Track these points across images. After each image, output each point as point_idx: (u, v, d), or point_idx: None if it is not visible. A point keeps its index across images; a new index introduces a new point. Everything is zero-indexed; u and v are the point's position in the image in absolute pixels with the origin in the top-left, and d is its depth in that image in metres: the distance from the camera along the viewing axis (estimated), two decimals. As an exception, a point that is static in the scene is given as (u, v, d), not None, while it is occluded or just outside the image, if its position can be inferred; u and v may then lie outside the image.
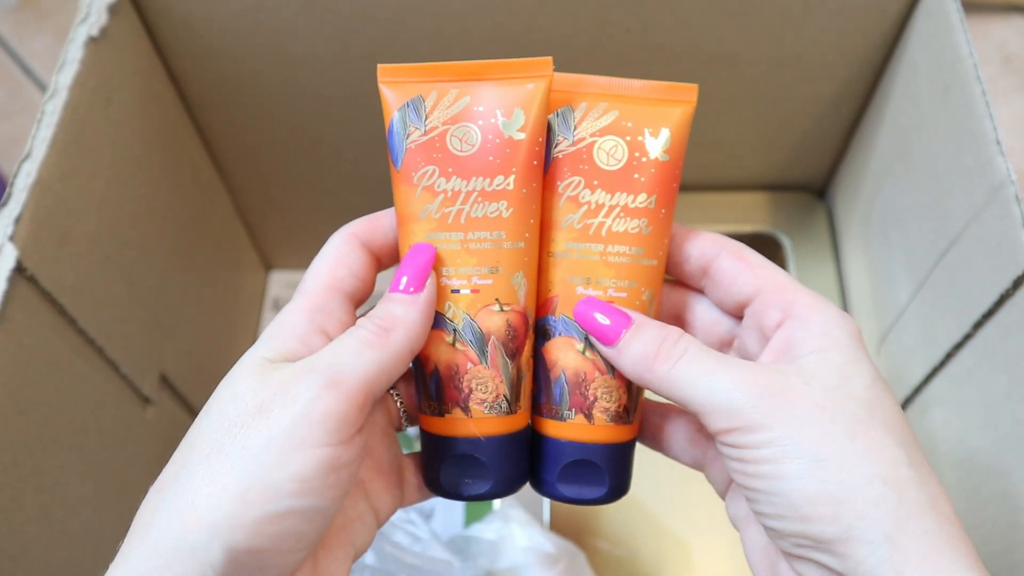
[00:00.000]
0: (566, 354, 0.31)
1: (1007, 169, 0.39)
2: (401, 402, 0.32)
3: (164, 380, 0.52)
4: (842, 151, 0.62)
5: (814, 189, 0.66)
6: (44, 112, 0.40)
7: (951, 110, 0.45)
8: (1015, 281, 0.38)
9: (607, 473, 0.31)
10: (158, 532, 0.25)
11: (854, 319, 0.36)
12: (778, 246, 0.64)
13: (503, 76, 0.30)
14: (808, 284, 0.31)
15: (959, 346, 0.45)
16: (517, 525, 0.49)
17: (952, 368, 0.46)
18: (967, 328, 0.43)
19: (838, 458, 0.25)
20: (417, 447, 0.33)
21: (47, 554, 0.40)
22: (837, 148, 0.62)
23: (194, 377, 0.56)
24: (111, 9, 0.44)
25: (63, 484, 0.41)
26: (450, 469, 0.31)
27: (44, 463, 0.40)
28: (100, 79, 0.43)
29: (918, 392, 0.50)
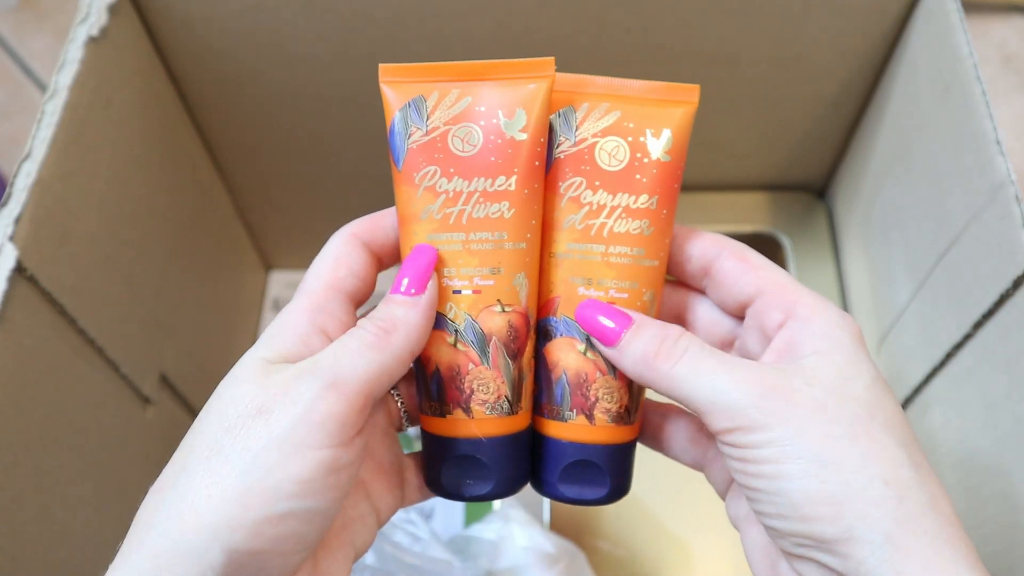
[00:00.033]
0: (567, 355, 0.31)
1: (1007, 169, 0.39)
2: (402, 402, 0.32)
3: (164, 380, 0.52)
4: (842, 151, 0.62)
5: (814, 189, 0.66)
6: (44, 112, 0.40)
7: (951, 110, 0.45)
8: (1015, 281, 0.38)
9: (608, 473, 0.31)
10: (158, 533, 0.24)
11: (854, 319, 0.36)
12: (778, 246, 0.64)
13: (505, 76, 0.30)
14: (808, 284, 0.31)
15: (959, 346, 0.45)
16: (517, 525, 0.49)
17: (952, 368, 0.46)
18: (967, 328, 0.43)
19: (839, 458, 0.25)
20: (418, 447, 0.33)
21: (47, 554, 0.40)
22: (837, 148, 0.62)
23: (194, 377, 0.56)
24: (111, 9, 0.44)
25: (63, 484, 0.41)
26: (451, 470, 0.31)
27: (44, 463, 0.39)
28: (100, 79, 0.43)
29: (918, 392, 0.50)
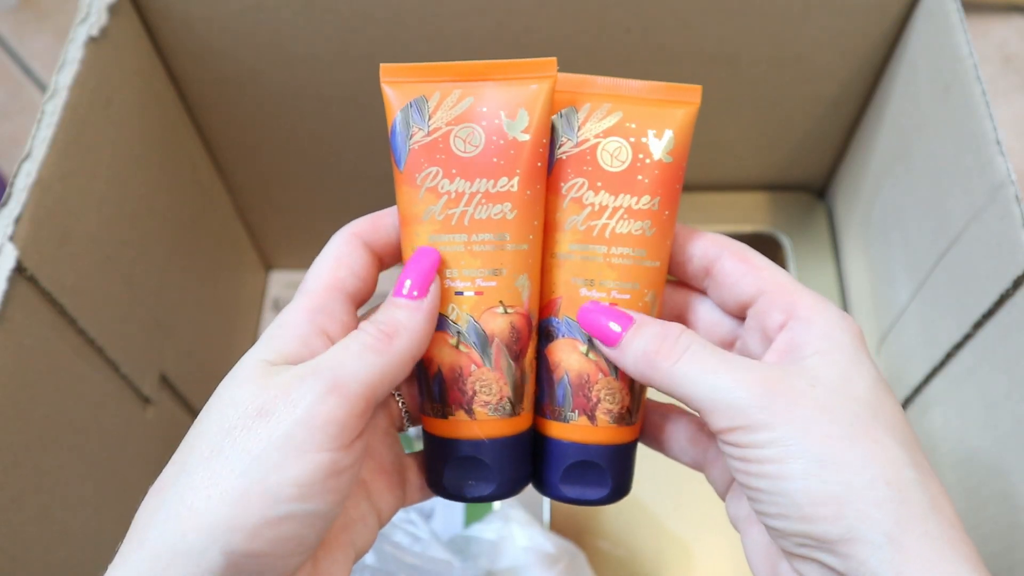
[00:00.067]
0: (569, 356, 0.31)
1: (1007, 169, 0.39)
2: (403, 402, 0.32)
3: (164, 380, 0.52)
4: (842, 151, 0.62)
5: (814, 189, 0.66)
6: (44, 112, 0.40)
7: (951, 110, 0.45)
8: (1015, 281, 0.38)
9: (610, 474, 0.31)
10: (157, 534, 0.24)
11: (854, 319, 0.35)
12: (778, 246, 0.64)
13: (507, 76, 0.30)
14: (808, 284, 0.31)
15: (959, 346, 0.45)
16: (517, 525, 0.49)
17: (952, 368, 0.46)
18: (967, 328, 0.43)
19: (842, 459, 0.25)
20: (418, 447, 0.33)
21: (47, 554, 0.40)
22: (837, 148, 0.62)
23: (194, 377, 0.56)
24: (111, 9, 0.44)
25: (63, 484, 0.41)
26: (453, 471, 0.31)
27: (44, 463, 0.39)
28: (100, 79, 0.43)
29: (918, 392, 0.50)
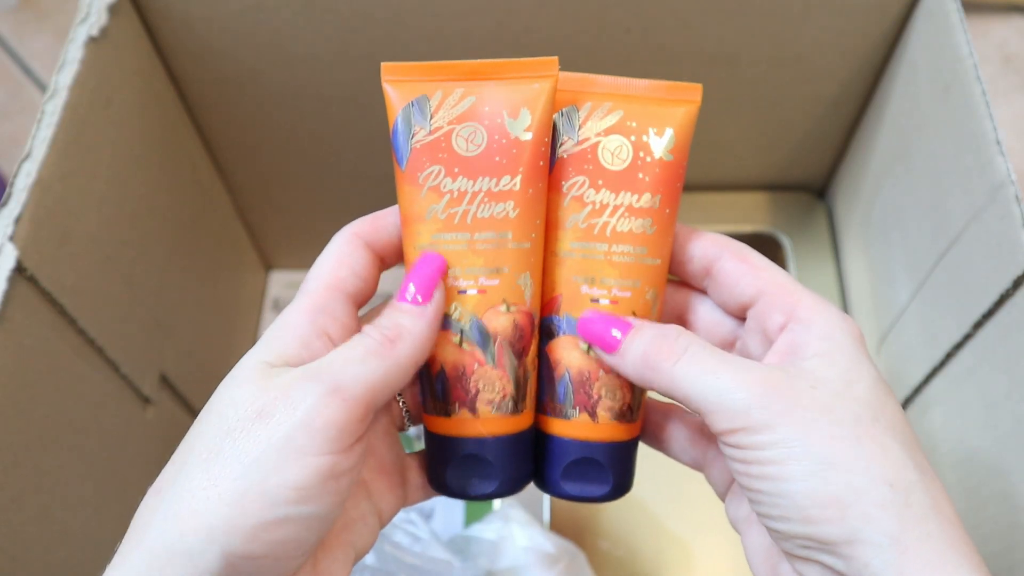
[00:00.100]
0: (570, 353, 0.31)
1: (1007, 169, 0.39)
2: (404, 402, 0.32)
3: (164, 380, 0.52)
4: (842, 151, 0.62)
5: (814, 189, 0.66)
6: (44, 112, 0.40)
7: (951, 110, 0.45)
8: (1015, 281, 0.38)
9: (611, 471, 0.31)
10: (155, 535, 0.24)
11: (854, 319, 0.35)
12: (778, 246, 0.64)
13: (509, 76, 0.30)
14: (808, 284, 0.31)
15: (959, 346, 0.45)
16: (517, 525, 0.49)
17: (952, 368, 0.46)
18: (967, 328, 0.43)
19: (844, 460, 0.25)
20: (418, 447, 0.33)
21: (47, 554, 0.40)
22: (837, 148, 0.62)
23: (194, 377, 0.56)
24: (111, 9, 0.44)
25: (63, 484, 0.41)
26: (456, 469, 0.31)
27: (44, 463, 0.39)
28: (100, 79, 0.43)
29: (918, 392, 0.50)
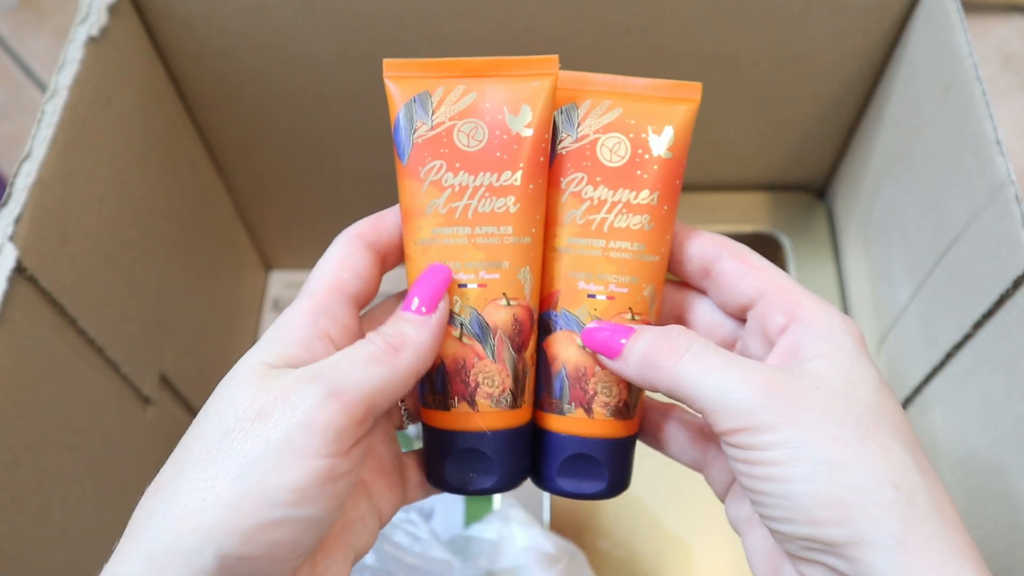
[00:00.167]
0: (567, 348, 0.31)
1: (1007, 169, 0.39)
2: (403, 400, 0.32)
3: (164, 380, 0.52)
4: (842, 151, 0.62)
5: (814, 189, 0.66)
6: (44, 112, 0.40)
7: (951, 110, 0.45)
8: (1015, 281, 0.38)
9: (606, 467, 0.31)
10: (152, 535, 0.24)
11: (854, 319, 0.35)
12: (778, 246, 0.64)
13: (510, 73, 0.30)
14: (808, 284, 0.31)
15: (959, 346, 0.45)
16: (517, 525, 0.49)
17: (952, 368, 0.46)
18: (967, 328, 0.43)
19: (848, 461, 0.25)
20: (416, 446, 0.33)
21: (47, 554, 0.40)
22: (837, 148, 0.62)
23: (194, 377, 0.56)
24: (111, 9, 0.44)
25: (63, 484, 0.41)
26: (455, 463, 0.31)
27: (44, 463, 0.39)
28: (100, 79, 0.43)
29: (918, 392, 0.50)
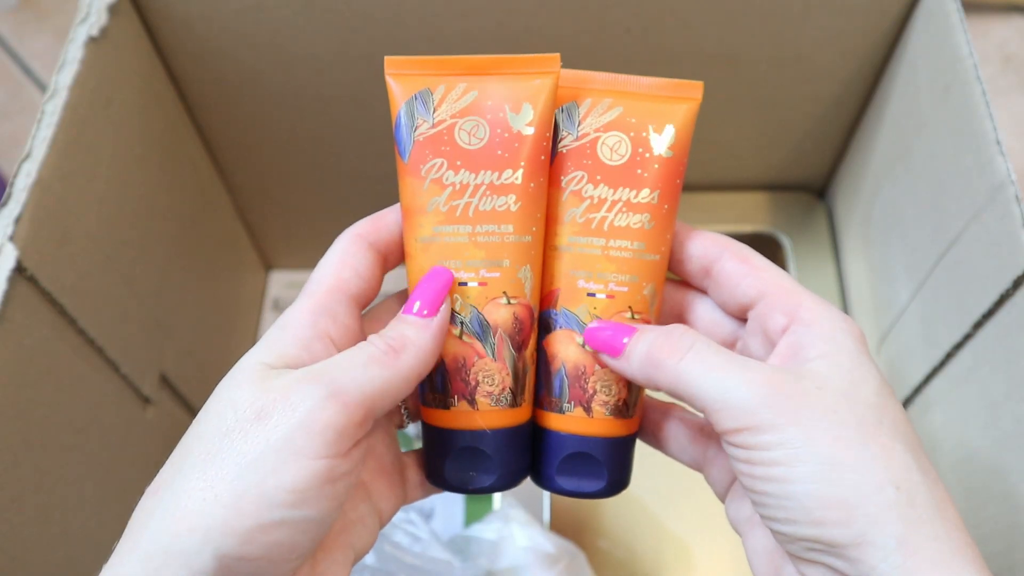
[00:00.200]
0: (566, 347, 0.31)
1: (1007, 169, 0.39)
2: (403, 399, 0.32)
3: (164, 380, 0.52)
4: (842, 151, 0.62)
5: (814, 189, 0.66)
6: (44, 112, 0.40)
7: (951, 110, 0.45)
8: (1015, 281, 0.38)
9: (606, 466, 0.31)
10: (151, 535, 0.24)
11: (854, 319, 0.35)
12: (778, 246, 0.64)
13: (511, 71, 0.30)
14: (808, 284, 0.31)
15: (959, 346, 0.45)
16: (517, 525, 0.49)
17: (952, 368, 0.46)
18: (967, 328, 0.43)
19: (850, 462, 0.25)
20: (416, 446, 0.33)
21: (47, 554, 0.40)
22: (837, 148, 0.62)
23: (194, 377, 0.56)
24: (111, 9, 0.44)
25: (63, 484, 0.41)
26: (455, 462, 0.31)
27: (44, 463, 0.39)
28: (100, 79, 0.43)
29: (918, 392, 0.50)
